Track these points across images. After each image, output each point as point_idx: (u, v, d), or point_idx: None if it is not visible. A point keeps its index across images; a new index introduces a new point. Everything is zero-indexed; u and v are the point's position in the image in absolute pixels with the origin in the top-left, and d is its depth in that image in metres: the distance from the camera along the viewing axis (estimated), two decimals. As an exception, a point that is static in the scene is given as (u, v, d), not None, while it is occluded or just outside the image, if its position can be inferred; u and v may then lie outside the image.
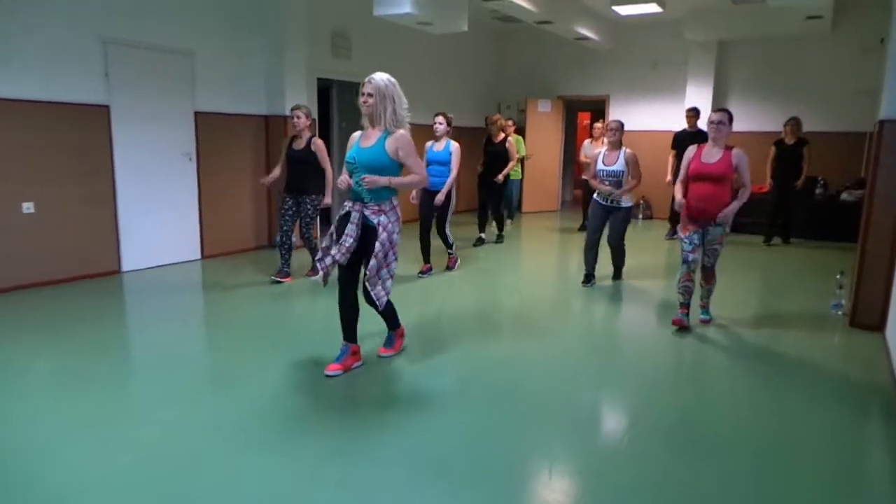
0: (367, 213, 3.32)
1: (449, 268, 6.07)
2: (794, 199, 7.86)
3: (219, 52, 6.31)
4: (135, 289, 5.23)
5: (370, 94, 3.25)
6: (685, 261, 4.30)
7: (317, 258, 3.50)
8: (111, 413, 2.93)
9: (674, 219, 7.98)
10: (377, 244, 3.28)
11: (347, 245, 3.28)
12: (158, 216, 5.91)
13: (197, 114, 6.15)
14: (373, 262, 3.28)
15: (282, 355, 3.71)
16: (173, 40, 5.85)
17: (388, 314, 3.65)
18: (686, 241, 4.30)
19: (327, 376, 3.36)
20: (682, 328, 4.33)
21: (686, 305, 4.37)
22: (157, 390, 3.22)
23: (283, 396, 3.16)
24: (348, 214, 3.35)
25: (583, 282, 5.61)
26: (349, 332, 3.51)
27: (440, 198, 5.65)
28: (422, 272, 5.88)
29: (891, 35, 5.02)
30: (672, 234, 8.21)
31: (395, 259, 3.43)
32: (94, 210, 5.40)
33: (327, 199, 5.38)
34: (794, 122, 7.72)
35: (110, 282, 5.35)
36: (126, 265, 5.66)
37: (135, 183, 5.67)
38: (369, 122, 3.36)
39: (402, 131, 3.31)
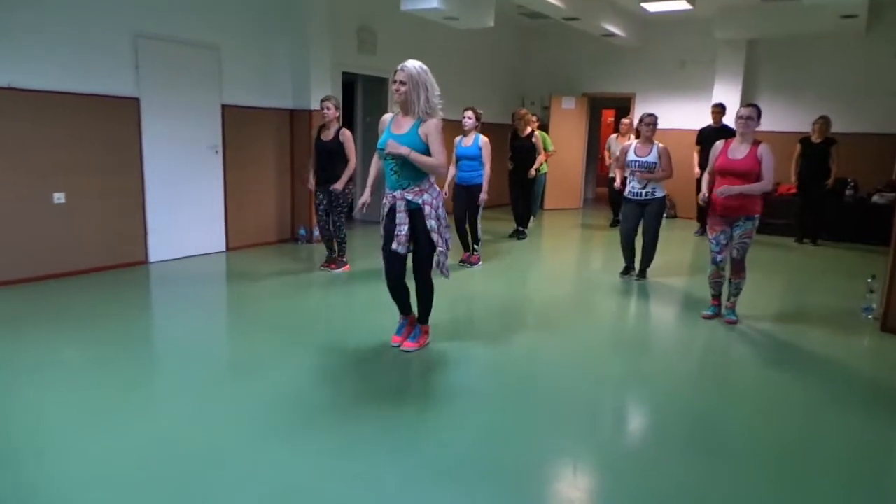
0: (409, 197, 3.37)
1: (472, 264, 6.07)
2: (823, 199, 7.73)
3: (245, 46, 6.37)
4: (161, 279, 5.30)
5: (403, 82, 3.26)
6: (714, 261, 4.41)
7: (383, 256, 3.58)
8: (133, 402, 2.97)
9: (702, 215, 7.88)
10: (429, 222, 3.38)
11: (404, 233, 3.38)
12: (185, 208, 5.99)
13: (224, 107, 6.21)
14: (436, 238, 3.41)
15: (303, 347, 3.74)
16: (201, 35, 5.91)
17: (428, 303, 3.69)
18: (713, 241, 4.38)
19: (394, 347, 3.66)
20: (713, 317, 4.54)
21: (717, 297, 4.60)
22: (179, 380, 3.26)
23: (302, 388, 3.18)
24: (392, 209, 3.42)
25: (621, 273, 5.82)
26: (404, 308, 3.71)
27: (483, 196, 5.79)
28: (462, 261, 6.04)
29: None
30: (702, 231, 8.14)
31: (449, 235, 3.53)
32: (123, 201, 5.48)
33: (338, 185, 5.28)
34: (824, 121, 7.59)
35: (138, 272, 5.43)
36: (153, 256, 5.74)
37: (162, 175, 5.75)
38: (402, 109, 3.37)
39: (434, 119, 3.33)
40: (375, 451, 2.56)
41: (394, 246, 3.40)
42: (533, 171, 7.42)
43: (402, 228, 3.37)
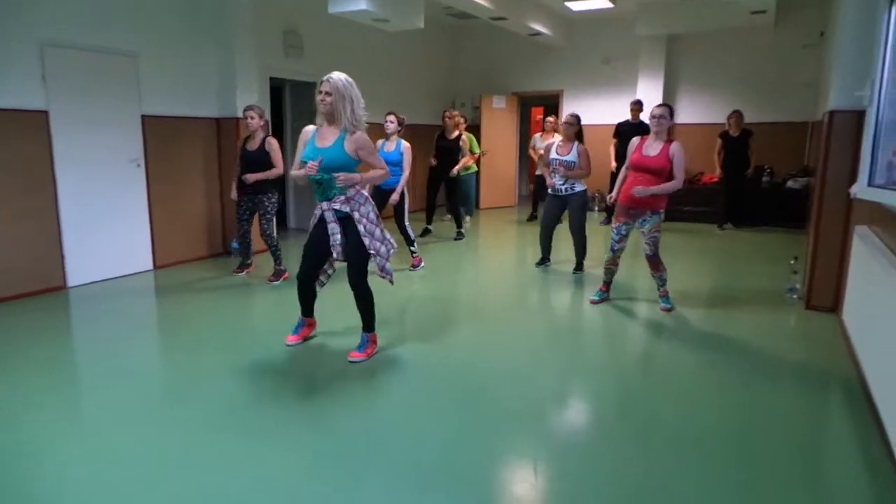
0: (336, 206, 3.42)
1: (414, 266, 6.02)
2: (744, 186, 8.26)
3: (165, 53, 6.06)
4: (82, 304, 4.97)
5: (328, 93, 3.30)
6: (611, 249, 4.65)
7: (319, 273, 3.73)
8: (62, 435, 2.75)
9: (609, 207, 8.20)
10: (360, 228, 3.41)
11: (339, 242, 3.44)
12: (105, 227, 5.64)
13: (144, 117, 5.89)
14: (368, 242, 3.43)
15: (242, 363, 3.58)
16: (115, 42, 5.57)
17: (368, 311, 3.65)
18: (615, 230, 4.62)
19: (287, 345, 3.77)
20: (600, 302, 4.80)
21: (607, 284, 4.88)
22: (110, 406, 3.04)
23: (242, 408, 3.03)
24: (322, 220, 3.48)
25: (537, 263, 6.06)
26: (306, 309, 3.84)
27: (395, 197, 5.83)
28: (419, 263, 6.08)
29: (835, 31, 5.19)
30: (607, 220, 8.58)
31: (386, 237, 3.57)
32: (36, 223, 5.09)
33: (251, 177, 5.25)
34: (738, 115, 8.11)
35: (55, 298, 5.07)
36: (72, 280, 5.37)
37: (78, 192, 5.38)
38: (327, 120, 3.40)
39: (360, 133, 3.39)
40: (331, 470, 2.46)
41: (334, 255, 3.51)
42: (455, 171, 7.47)
43: (336, 238, 3.44)
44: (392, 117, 5.91)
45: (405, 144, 5.90)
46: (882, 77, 3.11)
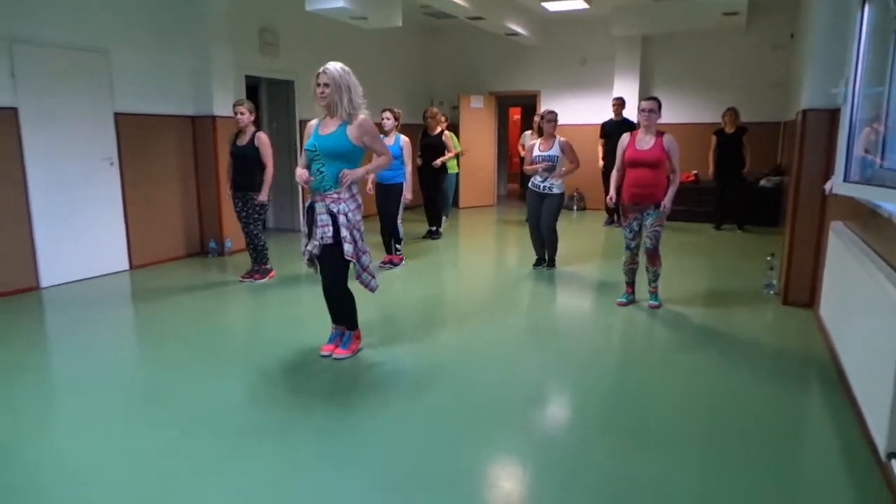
0: (327, 202, 3.35)
1: (394, 264, 6.00)
2: (740, 186, 8.08)
3: (138, 49, 5.93)
4: (56, 305, 4.84)
5: (326, 84, 3.26)
6: (627, 247, 4.63)
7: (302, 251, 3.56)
8: (35, 436, 2.67)
9: (610, 207, 8.21)
10: (343, 231, 3.33)
11: (329, 234, 3.33)
12: (79, 226, 5.50)
13: (117, 115, 5.76)
14: (347, 246, 3.34)
15: (225, 364, 3.53)
16: (86, 38, 5.44)
17: (348, 310, 3.61)
18: (626, 228, 4.61)
19: (324, 356, 3.58)
20: (627, 304, 4.72)
21: (630, 284, 4.78)
22: (85, 411, 2.97)
23: (229, 409, 2.98)
24: (313, 208, 3.40)
25: (534, 265, 5.97)
26: (335, 317, 3.67)
27: (407, 195, 5.82)
28: (384, 262, 6.01)
29: (806, 33, 5.30)
30: (610, 221, 8.50)
31: (366, 249, 3.49)
32: (6, 223, 4.95)
33: (262, 197, 5.14)
34: (733, 112, 7.96)
35: (27, 299, 4.93)
36: (46, 281, 5.23)
37: (50, 191, 5.25)
38: (328, 111, 3.34)
39: (362, 116, 3.34)
40: (310, 470, 2.43)
41: (309, 246, 3.42)
42: (438, 163, 7.44)
43: (326, 230, 3.34)
44: (388, 113, 5.87)
45: (404, 139, 5.84)
46: (856, 75, 3.19)
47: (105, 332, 4.24)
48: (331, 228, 3.32)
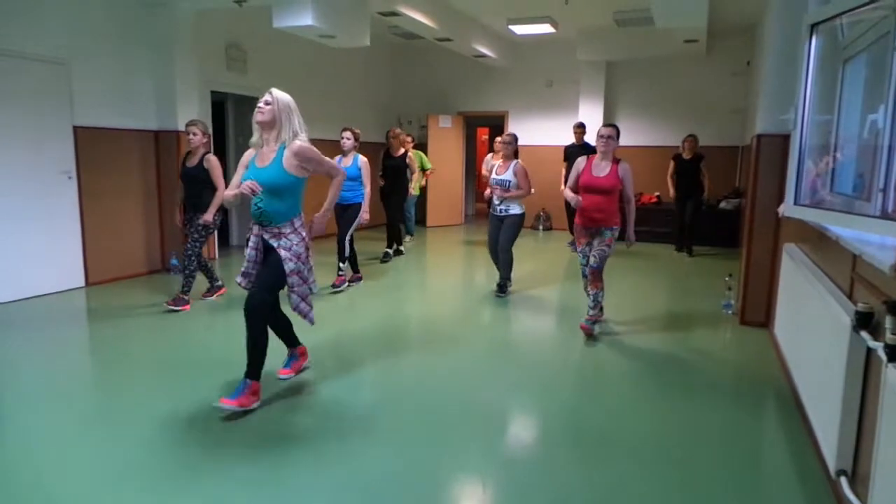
0: (265, 236, 3.17)
1: (335, 286, 5.82)
2: (697, 211, 8.18)
3: (99, 62, 5.84)
4: (4, 323, 4.67)
5: (268, 102, 3.07)
6: (584, 274, 4.66)
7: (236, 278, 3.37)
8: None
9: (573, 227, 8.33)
10: (288, 265, 3.12)
11: (246, 269, 3.22)
12: (32, 241, 5.34)
13: (76, 129, 5.64)
14: (293, 297, 3.21)
15: (175, 388, 3.43)
16: (43, 49, 5.32)
17: (286, 330, 3.53)
18: (581, 254, 4.65)
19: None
20: (590, 334, 4.52)
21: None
22: (31, 433, 2.86)
23: (180, 432, 2.90)
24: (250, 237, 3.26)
25: (496, 290, 5.81)
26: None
27: (365, 216, 5.75)
28: (351, 281, 5.97)
29: (761, 60, 5.50)
30: (573, 243, 8.60)
31: (313, 279, 3.34)
32: (-46, 236, 4.79)
33: (207, 216, 4.94)
34: (693, 139, 8.12)
35: (-24, 316, 4.75)
36: (-5, 297, 5.06)
37: (4, 204, 5.09)
38: (264, 129, 3.13)
39: (297, 142, 3.09)
40: (272, 494, 2.38)
41: (237, 279, 3.27)
42: (413, 192, 7.47)
43: (247, 265, 3.21)
44: (348, 133, 5.76)
45: (362, 159, 5.75)
46: (804, 103, 3.32)
47: (50, 350, 4.09)
48: (254, 264, 3.21)
